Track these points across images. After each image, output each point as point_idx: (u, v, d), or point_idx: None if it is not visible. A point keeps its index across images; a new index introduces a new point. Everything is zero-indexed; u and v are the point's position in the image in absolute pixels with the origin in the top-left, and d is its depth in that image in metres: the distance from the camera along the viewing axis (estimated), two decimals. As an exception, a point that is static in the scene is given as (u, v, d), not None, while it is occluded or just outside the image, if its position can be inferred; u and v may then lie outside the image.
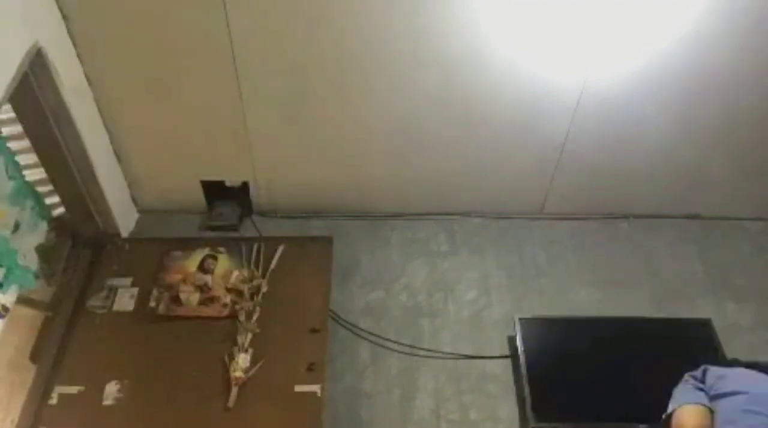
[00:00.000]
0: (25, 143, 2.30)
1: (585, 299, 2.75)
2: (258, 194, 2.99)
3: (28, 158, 2.34)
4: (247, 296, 2.40)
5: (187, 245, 2.59)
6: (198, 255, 2.53)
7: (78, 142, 2.40)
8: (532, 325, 2.53)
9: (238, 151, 2.78)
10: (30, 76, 2.11)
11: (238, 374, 2.16)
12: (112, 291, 2.42)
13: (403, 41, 2.37)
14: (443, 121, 2.67)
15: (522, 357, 2.42)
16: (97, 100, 2.56)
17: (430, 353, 2.55)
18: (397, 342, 2.57)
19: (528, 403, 2.31)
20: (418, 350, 2.56)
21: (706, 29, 2.32)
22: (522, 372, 2.39)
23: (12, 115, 2.21)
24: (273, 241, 2.65)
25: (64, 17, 2.28)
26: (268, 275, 2.49)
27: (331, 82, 2.52)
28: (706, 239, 3.00)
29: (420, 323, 2.66)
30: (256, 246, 2.59)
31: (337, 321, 2.61)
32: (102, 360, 2.22)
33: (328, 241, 2.68)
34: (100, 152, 2.58)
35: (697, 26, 2.32)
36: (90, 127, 2.50)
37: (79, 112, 2.36)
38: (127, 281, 2.46)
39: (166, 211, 3.02)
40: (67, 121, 2.32)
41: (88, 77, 2.48)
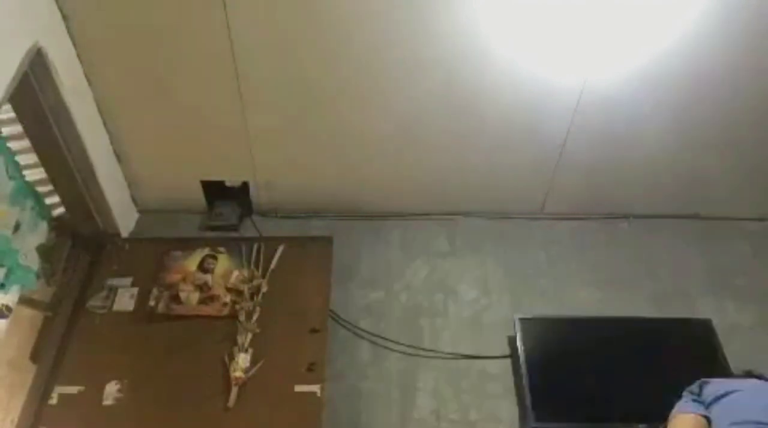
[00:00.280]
0: (25, 143, 2.30)
1: (585, 299, 2.74)
2: (258, 194, 2.99)
3: (28, 158, 2.34)
4: (247, 296, 2.40)
5: (187, 245, 2.59)
6: (198, 255, 2.53)
7: (78, 142, 2.40)
8: (532, 325, 2.53)
9: (238, 151, 2.78)
10: (30, 76, 2.11)
11: (238, 374, 2.16)
12: (112, 291, 2.42)
13: (403, 41, 2.37)
14: (443, 121, 2.67)
15: (522, 357, 2.42)
16: (97, 100, 2.56)
17: (430, 353, 2.55)
18: (397, 342, 2.57)
19: (528, 403, 2.31)
20: (418, 350, 2.56)
21: (705, 29, 2.32)
22: (522, 372, 2.39)
23: (12, 115, 2.21)
24: (273, 241, 2.65)
25: (64, 17, 2.28)
26: (268, 275, 2.49)
27: (331, 82, 2.52)
28: (706, 239, 3.00)
29: (420, 323, 2.66)
30: (256, 246, 2.60)
31: (337, 321, 2.61)
32: (102, 360, 2.22)
33: (328, 241, 2.68)
34: (100, 152, 2.59)
35: (696, 26, 2.32)
36: (90, 127, 2.50)
37: (79, 112, 2.36)
38: (127, 281, 2.46)
39: (166, 210, 3.02)
40: (67, 121, 2.32)
41: (88, 77, 2.48)
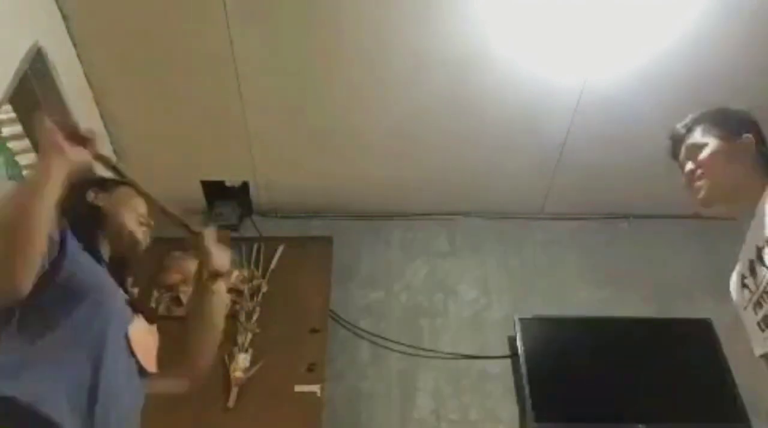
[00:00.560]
0: (25, 143, 2.30)
1: (585, 299, 2.74)
2: (258, 194, 2.99)
3: (28, 158, 2.34)
4: (247, 296, 2.40)
5: (187, 245, 2.58)
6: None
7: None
8: (532, 325, 2.53)
9: (238, 151, 2.78)
10: (30, 76, 2.11)
11: (238, 374, 2.16)
12: (112, 291, 2.42)
13: (404, 42, 2.37)
14: (443, 121, 2.66)
15: (522, 357, 2.42)
16: (97, 100, 2.56)
17: (430, 353, 2.55)
18: (397, 342, 2.57)
19: (528, 403, 2.31)
20: (418, 350, 2.56)
21: (705, 29, 2.32)
22: (522, 372, 2.39)
23: (12, 115, 2.21)
24: (273, 241, 2.65)
25: (64, 17, 2.28)
26: (268, 275, 2.50)
27: (331, 82, 2.52)
28: (706, 239, 2.99)
29: (420, 323, 2.65)
30: (256, 246, 2.60)
31: (337, 321, 2.60)
32: (102, 360, 2.22)
33: (328, 241, 2.69)
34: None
35: (696, 26, 2.31)
36: (90, 127, 2.49)
37: (79, 112, 2.36)
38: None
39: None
40: (67, 121, 2.31)
41: (88, 77, 2.48)
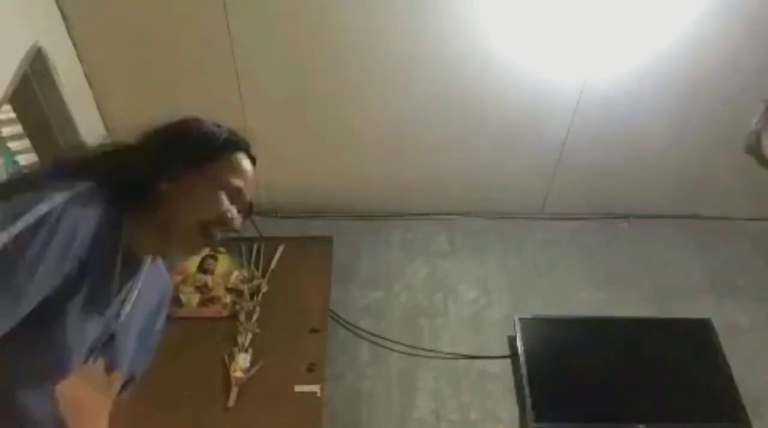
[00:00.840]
0: (25, 143, 2.30)
1: (585, 299, 2.74)
2: (258, 194, 2.98)
3: (28, 158, 2.34)
4: (247, 296, 2.40)
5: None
6: (198, 255, 2.53)
7: (78, 142, 2.39)
8: (532, 325, 2.53)
9: (238, 151, 2.77)
10: (30, 76, 2.11)
11: (238, 374, 2.16)
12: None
13: (404, 41, 2.37)
14: (443, 121, 2.66)
15: (522, 357, 2.42)
16: (97, 100, 2.56)
17: (430, 353, 2.55)
18: (397, 342, 2.57)
19: (528, 403, 2.31)
20: (418, 350, 2.56)
21: (705, 29, 2.32)
22: (522, 372, 2.39)
23: (12, 115, 2.21)
24: (273, 241, 2.64)
25: (64, 17, 2.28)
26: (268, 275, 2.49)
27: (331, 82, 2.52)
28: (706, 239, 2.99)
29: (420, 323, 2.65)
30: (256, 246, 2.59)
31: (337, 321, 2.60)
32: (102, 360, 2.22)
33: (328, 241, 2.68)
34: (100, 152, 2.58)
35: (697, 26, 2.32)
36: (90, 127, 2.50)
37: (79, 112, 2.36)
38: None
39: (166, 210, 3.02)
40: (67, 121, 2.32)
41: (88, 77, 2.48)
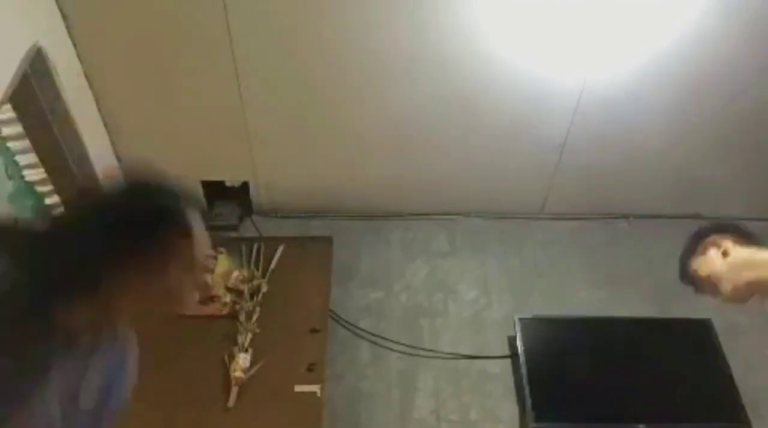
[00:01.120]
0: (25, 143, 2.30)
1: (585, 299, 2.74)
2: (258, 194, 2.99)
3: (28, 158, 2.33)
4: (247, 296, 2.40)
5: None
6: (198, 255, 2.53)
7: (78, 142, 2.40)
8: (532, 325, 2.53)
9: (238, 151, 2.78)
10: (30, 76, 2.10)
11: (238, 374, 2.16)
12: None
13: (404, 41, 2.37)
14: (443, 121, 2.66)
15: (522, 357, 2.42)
16: (97, 100, 2.56)
17: (430, 353, 2.55)
18: (397, 342, 2.57)
19: (528, 403, 2.31)
20: (418, 350, 2.56)
21: (705, 29, 2.32)
22: (522, 372, 2.39)
23: (12, 115, 2.21)
24: (273, 241, 2.64)
25: (64, 17, 2.28)
26: (268, 275, 2.49)
27: (331, 82, 2.52)
28: (706, 239, 2.99)
29: (420, 323, 2.66)
30: (256, 246, 2.59)
31: (337, 321, 2.60)
32: (102, 360, 2.22)
33: (328, 241, 2.68)
34: (100, 152, 2.58)
35: (696, 26, 2.32)
36: (90, 127, 2.50)
37: (79, 112, 2.36)
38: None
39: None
40: (67, 121, 2.32)
41: (88, 77, 2.48)
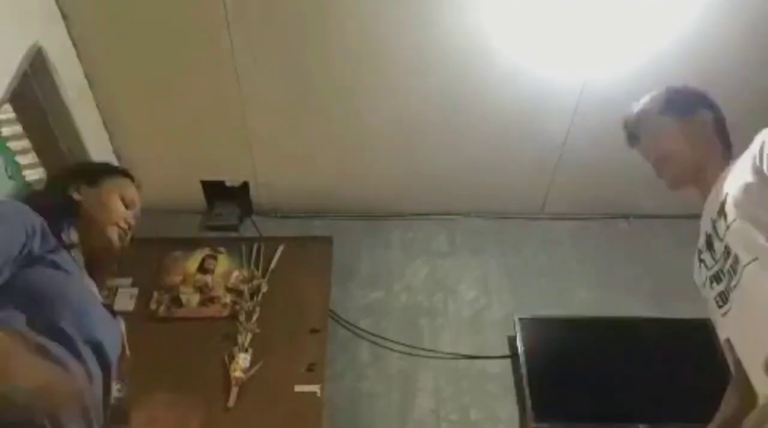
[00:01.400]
0: (25, 143, 2.30)
1: (585, 299, 2.74)
2: (258, 194, 2.99)
3: (28, 158, 2.34)
4: (247, 296, 2.40)
5: (187, 245, 2.59)
6: (198, 255, 2.53)
7: (78, 142, 2.40)
8: (532, 325, 2.53)
9: (238, 151, 2.78)
10: (30, 76, 2.11)
11: (238, 374, 2.16)
12: (112, 291, 2.42)
13: (403, 41, 2.37)
14: (443, 120, 2.66)
15: (522, 357, 2.42)
16: (97, 100, 2.56)
17: (430, 353, 2.55)
18: (397, 342, 2.57)
19: (528, 403, 2.31)
20: (418, 350, 2.56)
21: (705, 29, 2.32)
22: (522, 372, 2.39)
23: (12, 115, 2.21)
24: (273, 241, 2.65)
25: (64, 17, 2.28)
26: (268, 275, 2.50)
27: (331, 83, 2.52)
28: (706, 239, 2.99)
29: (420, 323, 2.65)
30: (256, 246, 2.60)
31: (337, 321, 2.60)
32: (102, 360, 2.22)
33: (328, 241, 2.69)
34: (100, 152, 2.58)
35: (696, 26, 2.32)
36: (90, 127, 2.50)
37: (79, 112, 2.36)
38: (127, 281, 2.46)
39: (166, 210, 3.02)
40: (67, 121, 2.32)
41: (88, 77, 2.48)
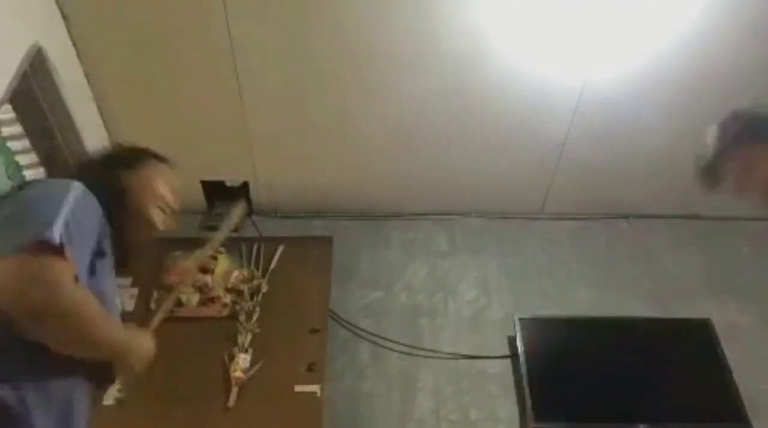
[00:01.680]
0: (25, 143, 2.30)
1: (585, 299, 2.74)
2: (258, 194, 2.99)
3: (28, 158, 2.34)
4: (247, 296, 2.40)
5: (187, 245, 2.58)
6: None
7: (78, 142, 2.40)
8: (532, 325, 2.53)
9: (238, 151, 2.78)
10: (30, 76, 2.11)
11: (238, 374, 2.16)
12: (112, 291, 2.42)
13: (403, 41, 2.37)
14: (443, 120, 2.66)
15: (522, 357, 2.42)
16: (97, 100, 2.56)
17: (430, 353, 2.55)
18: (397, 342, 2.57)
19: (528, 403, 2.31)
20: (418, 350, 2.56)
21: (705, 29, 2.32)
22: (522, 372, 2.39)
23: (12, 115, 2.21)
24: (273, 241, 2.65)
25: (64, 17, 2.28)
26: (268, 275, 2.50)
27: (331, 83, 2.52)
28: (706, 239, 2.99)
29: (420, 323, 2.65)
30: (256, 246, 2.60)
31: (337, 321, 2.60)
32: (102, 360, 2.22)
33: (328, 241, 2.68)
34: (100, 152, 2.58)
35: (696, 26, 2.32)
36: (90, 127, 2.50)
37: (79, 112, 2.36)
38: (127, 281, 2.45)
39: (166, 210, 3.02)
40: (67, 120, 2.32)
41: (88, 77, 2.48)
